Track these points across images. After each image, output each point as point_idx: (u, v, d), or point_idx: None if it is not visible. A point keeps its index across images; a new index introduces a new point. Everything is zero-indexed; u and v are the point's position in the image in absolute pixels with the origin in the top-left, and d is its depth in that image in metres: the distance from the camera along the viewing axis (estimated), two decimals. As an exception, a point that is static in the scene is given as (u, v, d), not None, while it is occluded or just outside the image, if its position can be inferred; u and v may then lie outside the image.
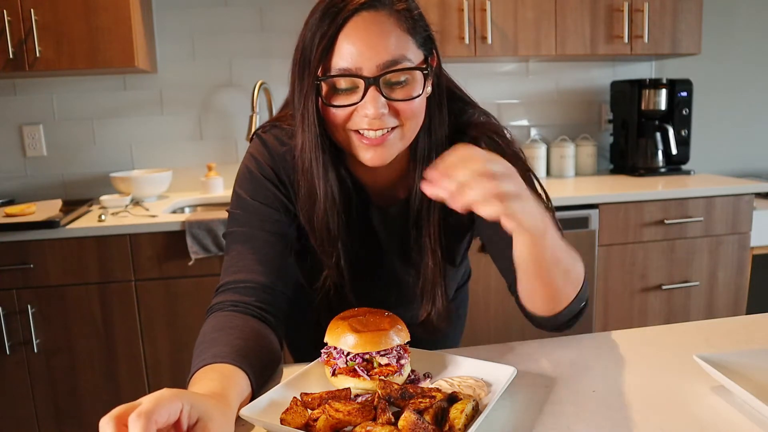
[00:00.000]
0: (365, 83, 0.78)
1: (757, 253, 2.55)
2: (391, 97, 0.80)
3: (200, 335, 0.83)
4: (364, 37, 0.77)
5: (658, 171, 2.75)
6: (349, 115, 0.81)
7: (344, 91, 0.80)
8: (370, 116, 0.79)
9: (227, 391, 0.68)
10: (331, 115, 0.82)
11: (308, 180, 0.88)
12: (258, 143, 0.95)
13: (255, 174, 0.93)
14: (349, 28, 0.78)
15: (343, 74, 0.78)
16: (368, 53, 0.77)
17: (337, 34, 0.78)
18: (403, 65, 0.79)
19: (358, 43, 0.77)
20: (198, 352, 0.78)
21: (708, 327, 0.97)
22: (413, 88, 0.82)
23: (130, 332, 2.03)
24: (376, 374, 0.75)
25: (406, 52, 0.80)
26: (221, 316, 0.86)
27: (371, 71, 0.78)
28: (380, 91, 0.79)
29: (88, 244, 1.97)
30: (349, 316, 0.80)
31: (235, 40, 2.56)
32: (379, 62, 0.78)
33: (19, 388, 2.00)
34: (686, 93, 2.72)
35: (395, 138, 0.83)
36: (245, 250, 0.90)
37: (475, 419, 0.66)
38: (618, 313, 2.41)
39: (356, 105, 0.80)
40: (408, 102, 0.81)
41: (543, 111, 2.88)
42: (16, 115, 2.47)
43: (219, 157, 2.63)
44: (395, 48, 0.78)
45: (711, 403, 0.72)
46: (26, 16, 2.06)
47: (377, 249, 1.00)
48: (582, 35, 2.50)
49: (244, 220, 0.92)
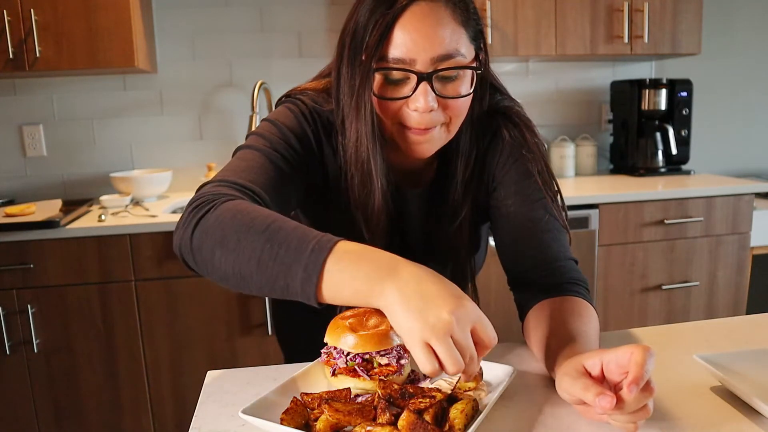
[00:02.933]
0: (418, 78, 0.78)
1: (757, 253, 2.55)
2: (441, 93, 0.79)
3: (242, 216, 0.65)
4: (420, 27, 0.76)
5: (658, 171, 2.75)
6: (400, 107, 0.81)
7: (395, 82, 0.80)
8: (420, 110, 0.78)
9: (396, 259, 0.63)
10: (382, 105, 0.81)
11: (363, 170, 0.85)
12: (293, 103, 0.89)
13: (295, 112, 0.88)
14: (405, 17, 0.76)
15: (398, 66, 0.77)
16: (423, 44, 0.76)
17: (394, 23, 0.77)
18: (457, 61, 0.78)
19: (414, 34, 0.76)
20: (289, 233, 0.62)
21: (708, 327, 0.97)
22: (464, 85, 0.81)
23: (130, 332, 2.03)
24: (376, 374, 0.75)
25: (459, 47, 0.79)
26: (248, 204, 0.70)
27: (425, 64, 0.77)
28: (432, 87, 0.78)
29: (88, 244, 1.97)
30: (349, 316, 0.80)
31: (235, 40, 2.56)
32: (433, 55, 0.77)
33: (19, 388, 2.00)
34: (686, 93, 2.72)
35: (440, 132, 0.83)
36: (255, 159, 0.81)
37: (474, 419, 0.66)
38: (618, 313, 2.41)
39: (407, 98, 0.79)
40: (457, 99, 0.80)
41: (543, 111, 2.88)
42: (16, 115, 2.47)
43: (219, 157, 2.62)
44: (450, 41, 0.77)
45: (711, 403, 0.72)
46: (26, 16, 2.06)
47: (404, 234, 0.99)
48: (582, 35, 2.50)
49: (266, 135, 0.85)
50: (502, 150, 0.92)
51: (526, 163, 0.91)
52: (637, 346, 0.59)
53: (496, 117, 0.93)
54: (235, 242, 0.64)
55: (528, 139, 0.92)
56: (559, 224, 0.90)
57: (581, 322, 0.79)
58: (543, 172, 0.91)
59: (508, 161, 0.92)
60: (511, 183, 0.92)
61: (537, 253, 0.89)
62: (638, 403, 0.58)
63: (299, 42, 2.58)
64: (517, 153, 0.92)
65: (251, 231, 0.64)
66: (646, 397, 0.58)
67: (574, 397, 0.64)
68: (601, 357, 0.63)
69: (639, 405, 0.59)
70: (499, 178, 0.93)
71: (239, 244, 0.64)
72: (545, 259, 0.88)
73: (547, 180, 0.91)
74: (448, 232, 0.94)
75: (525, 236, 0.90)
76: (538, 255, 0.89)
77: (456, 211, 0.94)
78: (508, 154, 0.92)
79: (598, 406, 0.58)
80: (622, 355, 0.61)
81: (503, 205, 0.92)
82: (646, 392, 0.58)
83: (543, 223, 0.89)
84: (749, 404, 0.69)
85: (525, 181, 0.91)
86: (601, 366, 0.63)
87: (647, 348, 0.59)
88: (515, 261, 0.91)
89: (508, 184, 0.92)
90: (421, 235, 0.99)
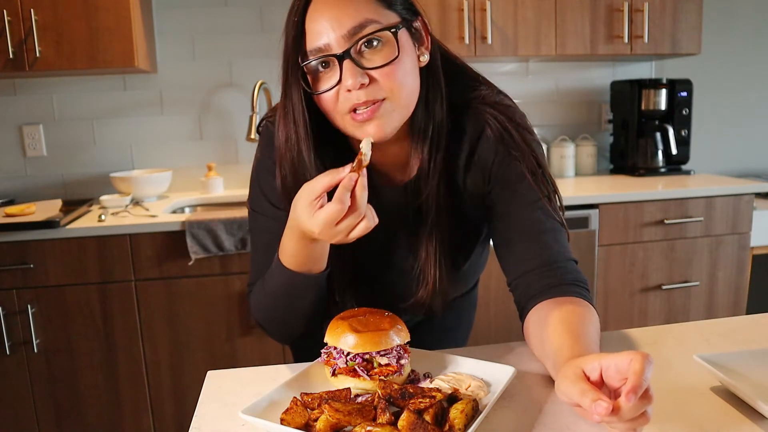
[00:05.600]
0: (337, 59, 0.77)
1: (757, 253, 2.55)
2: (367, 66, 0.78)
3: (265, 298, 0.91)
4: (325, 12, 0.77)
5: (658, 171, 2.75)
6: (336, 96, 0.80)
7: (325, 73, 0.80)
8: (351, 87, 0.77)
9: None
10: (322, 102, 0.81)
11: (297, 173, 0.86)
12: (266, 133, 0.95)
13: (264, 164, 0.93)
14: (311, 9, 0.78)
15: (317, 55, 0.78)
16: (331, 25, 0.77)
17: (303, 19, 0.78)
18: (371, 28, 0.77)
19: (321, 20, 0.77)
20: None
21: (708, 327, 0.97)
22: (390, 51, 0.79)
23: (130, 332, 2.03)
24: (376, 374, 0.75)
25: (371, 16, 0.78)
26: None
27: (339, 43, 0.77)
28: (355, 62, 0.77)
29: (88, 244, 1.97)
30: (349, 316, 0.80)
31: (235, 40, 2.56)
32: (343, 32, 0.76)
33: (19, 388, 2.00)
34: (686, 93, 2.72)
35: (388, 108, 0.80)
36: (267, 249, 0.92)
37: (474, 419, 0.66)
38: (618, 313, 2.41)
39: (338, 85, 0.78)
40: (388, 67, 0.78)
41: (543, 111, 2.88)
42: (16, 115, 2.47)
43: (219, 157, 2.63)
44: (358, 13, 0.77)
45: (711, 403, 0.72)
46: (26, 16, 2.06)
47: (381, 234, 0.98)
48: (582, 35, 2.50)
49: (263, 217, 0.94)
50: (495, 150, 0.91)
51: (520, 164, 0.89)
52: (636, 353, 0.59)
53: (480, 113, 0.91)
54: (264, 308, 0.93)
55: (520, 138, 0.90)
56: (558, 224, 0.90)
57: (582, 323, 0.79)
58: (537, 172, 0.89)
59: (503, 162, 0.90)
60: (507, 183, 0.90)
61: (536, 255, 0.88)
62: (636, 411, 0.58)
63: (299, 42, 2.56)
64: (511, 153, 0.90)
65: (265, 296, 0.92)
66: (644, 405, 0.58)
67: (572, 401, 0.64)
68: (600, 361, 0.63)
69: (637, 413, 0.58)
70: (494, 180, 0.92)
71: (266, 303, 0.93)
72: (545, 260, 0.87)
73: (542, 179, 0.89)
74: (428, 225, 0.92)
75: (524, 237, 0.89)
76: (538, 256, 0.88)
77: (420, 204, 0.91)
78: (503, 153, 0.90)
79: (594, 413, 0.58)
80: (621, 361, 0.60)
81: (500, 206, 0.91)
82: (645, 400, 0.58)
83: (541, 223, 0.88)
84: (749, 404, 0.69)
85: (521, 182, 0.90)
86: (600, 371, 0.63)
87: (646, 355, 0.59)
88: (514, 262, 0.90)
89: (504, 186, 0.91)
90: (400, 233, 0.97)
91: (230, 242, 2.01)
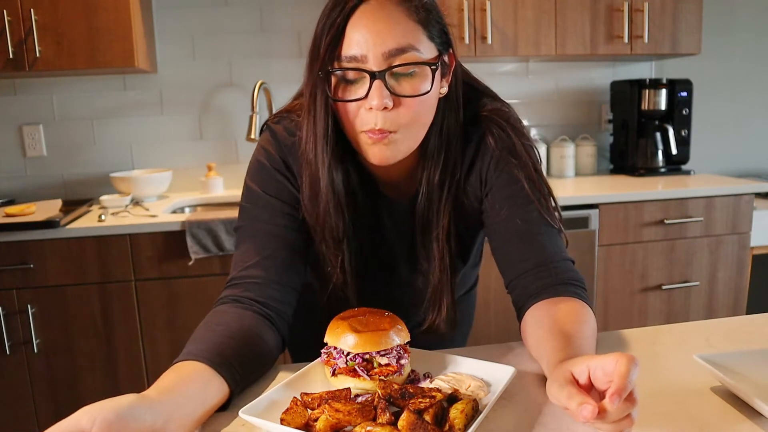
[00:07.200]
0: (370, 76, 0.77)
1: (757, 253, 2.55)
2: (396, 91, 0.78)
3: (195, 330, 0.84)
4: (370, 24, 0.76)
5: (658, 171, 2.75)
6: (357, 110, 0.80)
7: (352, 84, 0.79)
8: (375, 107, 0.77)
9: (177, 387, 0.66)
10: (341, 109, 0.81)
11: (312, 173, 0.86)
12: (268, 134, 0.94)
13: (265, 166, 0.92)
14: (356, 16, 0.76)
15: (351, 64, 0.77)
16: (374, 40, 0.76)
17: (346, 23, 0.77)
18: (411, 56, 0.77)
19: (364, 30, 0.76)
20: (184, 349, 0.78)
21: (708, 327, 0.97)
22: (421, 83, 0.79)
23: (130, 332, 2.03)
24: (376, 374, 0.75)
25: (414, 43, 0.78)
26: (218, 311, 0.86)
27: (377, 60, 0.76)
28: (385, 84, 0.77)
29: (88, 244, 1.97)
30: (349, 316, 0.80)
31: (235, 40, 2.56)
32: (384, 50, 0.76)
33: (19, 388, 2.00)
34: (686, 93, 2.72)
35: (400, 137, 0.81)
36: (254, 244, 0.90)
37: (474, 419, 0.66)
38: (618, 313, 2.41)
39: (362, 99, 0.78)
40: (415, 99, 0.79)
41: (543, 111, 2.88)
42: (16, 115, 2.47)
43: (219, 157, 2.63)
44: (402, 36, 0.77)
45: (711, 403, 0.72)
46: (26, 16, 2.06)
47: (384, 248, 0.99)
48: (582, 35, 2.50)
49: (254, 214, 0.92)
50: (491, 155, 0.91)
51: (514, 168, 0.90)
52: (622, 355, 0.60)
53: (482, 122, 0.92)
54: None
55: (516, 142, 0.91)
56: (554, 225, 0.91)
57: (577, 323, 0.79)
58: (533, 176, 0.90)
59: (498, 166, 0.91)
60: (501, 187, 0.91)
61: (532, 255, 0.88)
62: (620, 413, 0.59)
63: (299, 42, 2.57)
64: (506, 158, 0.91)
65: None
66: (628, 408, 0.59)
67: (561, 404, 0.64)
68: (588, 364, 0.64)
69: (621, 415, 0.59)
70: (489, 184, 0.92)
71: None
72: (541, 260, 0.88)
73: (537, 182, 0.90)
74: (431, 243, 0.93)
75: (519, 239, 0.89)
76: (534, 257, 0.88)
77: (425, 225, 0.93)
78: (498, 158, 0.91)
79: (580, 416, 0.59)
80: (607, 363, 0.61)
81: (495, 210, 0.92)
82: (629, 403, 0.59)
83: (537, 225, 0.89)
84: (749, 404, 0.69)
85: (515, 185, 0.90)
86: (589, 373, 0.64)
87: (632, 358, 0.59)
88: (511, 264, 0.91)
89: (499, 189, 0.91)
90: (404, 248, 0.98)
91: (230, 242, 2.01)
